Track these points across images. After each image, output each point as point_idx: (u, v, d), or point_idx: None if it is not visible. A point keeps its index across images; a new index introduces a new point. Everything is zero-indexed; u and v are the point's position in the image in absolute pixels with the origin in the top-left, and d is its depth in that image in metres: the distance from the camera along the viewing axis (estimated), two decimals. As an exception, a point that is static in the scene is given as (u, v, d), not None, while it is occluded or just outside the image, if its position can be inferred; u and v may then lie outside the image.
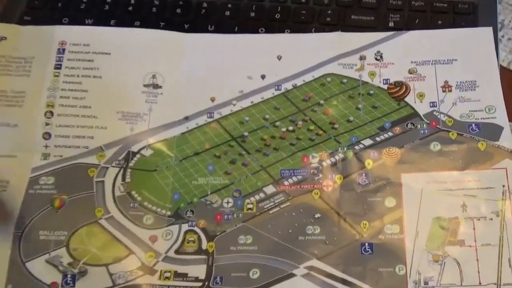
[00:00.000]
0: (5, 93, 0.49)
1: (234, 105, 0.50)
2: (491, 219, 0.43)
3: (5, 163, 0.46)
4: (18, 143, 0.47)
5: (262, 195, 0.46)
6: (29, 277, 0.42)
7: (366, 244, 0.42)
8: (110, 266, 0.42)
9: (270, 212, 0.45)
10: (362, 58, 0.52)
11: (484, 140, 0.46)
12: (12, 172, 0.46)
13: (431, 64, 0.50)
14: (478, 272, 0.41)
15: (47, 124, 0.48)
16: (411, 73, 0.50)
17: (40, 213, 0.44)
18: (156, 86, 0.51)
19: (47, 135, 0.48)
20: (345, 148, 0.47)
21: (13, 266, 0.42)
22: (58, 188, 0.46)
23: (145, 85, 0.50)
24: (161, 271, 0.42)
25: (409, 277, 0.41)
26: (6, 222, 0.43)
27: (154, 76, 0.51)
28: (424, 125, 0.48)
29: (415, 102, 0.49)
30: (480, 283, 0.41)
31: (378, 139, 0.47)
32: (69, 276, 0.42)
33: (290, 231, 0.43)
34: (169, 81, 0.51)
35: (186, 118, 0.50)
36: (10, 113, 0.48)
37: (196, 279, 0.42)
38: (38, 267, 0.42)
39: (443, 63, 0.50)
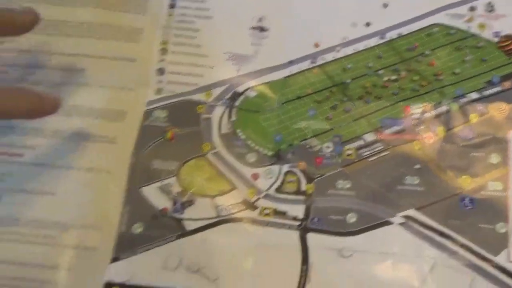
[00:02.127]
0: (125, 29, 0.49)
1: (338, 51, 0.48)
2: None
3: (124, 95, 0.46)
4: (136, 77, 0.47)
5: (361, 142, 0.44)
6: (144, 201, 0.42)
7: (467, 198, 0.40)
8: (215, 199, 0.42)
9: (369, 159, 0.43)
10: (472, 9, 0.48)
11: None
12: (129, 104, 0.46)
13: (548, 17, 0.44)
14: None
15: (161, 60, 0.48)
16: (524, 27, 0.45)
17: (154, 143, 0.45)
18: (263, 29, 0.49)
19: (160, 71, 0.48)
20: (449, 101, 0.44)
21: (129, 190, 0.43)
22: (170, 121, 0.46)
23: (253, 28, 0.49)
24: (261, 207, 0.42)
25: (511, 235, 0.38)
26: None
27: (261, 19, 0.49)
28: None
29: None
30: None
31: (485, 93, 0.44)
32: (178, 203, 0.42)
33: (388, 179, 0.42)
34: (275, 24, 0.49)
35: (290, 62, 0.48)
36: (129, 48, 0.48)
37: (295, 218, 0.41)
38: (151, 193, 0.43)
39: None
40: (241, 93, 0.47)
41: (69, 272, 0.40)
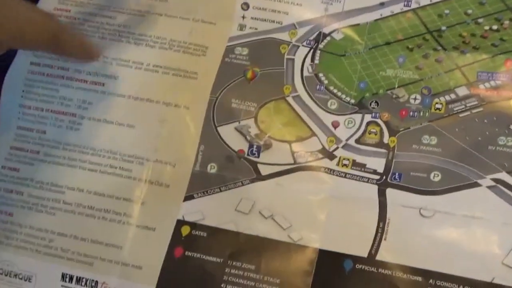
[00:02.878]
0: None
1: (436, -6, 0.43)
2: None
3: (206, 29, 0.44)
4: (218, 10, 0.45)
5: (453, 96, 0.40)
6: (220, 141, 0.41)
7: None
8: (293, 144, 0.41)
9: (460, 115, 0.40)
10: None
11: None
12: (211, 39, 0.44)
13: None
14: None
15: (246, -6, 0.46)
16: None
17: (233, 82, 0.43)
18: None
19: (245, 6, 0.45)
20: (558, 58, 0.39)
21: (206, 129, 0.41)
22: (251, 60, 0.43)
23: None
24: (340, 157, 0.40)
25: None
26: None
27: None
28: None
29: None
30: None
31: None
32: (255, 146, 0.41)
33: (479, 138, 0.38)
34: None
35: (382, 4, 0.44)
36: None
37: (375, 172, 0.39)
38: (228, 133, 0.41)
39: None
40: (327, 35, 0.44)
41: (143, 206, 0.40)
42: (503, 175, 0.37)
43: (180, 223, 0.39)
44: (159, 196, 0.40)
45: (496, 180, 0.37)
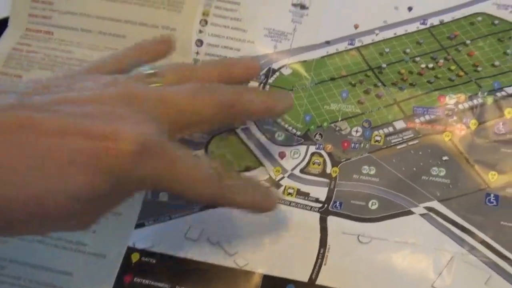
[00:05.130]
0: (167, -1, 0.49)
1: (377, 34, 0.47)
2: None
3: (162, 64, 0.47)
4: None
5: (391, 129, 0.43)
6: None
7: (492, 195, 0.39)
8: (241, 174, 0.43)
9: (397, 147, 0.42)
10: (520, -1, 0.46)
11: None
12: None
13: None
14: None
15: (200, 31, 0.48)
16: None
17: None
18: (303, 7, 0.48)
19: (199, 42, 0.48)
20: (485, 93, 0.43)
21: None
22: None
23: (293, 4, 0.48)
24: (285, 186, 0.42)
25: (532, 236, 0.38)
26: None
27: (304, -4, 0.48)
28: None
29: None
30: None
31: (523, 88, 0.42)
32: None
33: (414, 169, 0.41)
34: (315, 3, 0.48)
35: (327, 43, 0.47)
36: (170, 17, 0.48)
37: (317, 200, 0.41)
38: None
39: None
40: (276, 70, 0.47)
41: (94, 234, 0.41)
42: (434, 204, 0.40)
43: (130, 250, 0.41)
44: (110, 224, 0.42)
45: (428, 208, 0.39)
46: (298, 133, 0.44)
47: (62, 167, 0.25)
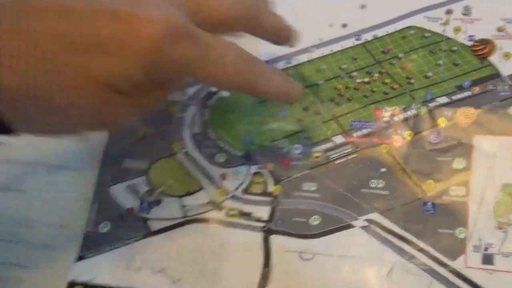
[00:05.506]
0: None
1: (312, 52, 0.48)
2: None
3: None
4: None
5: (330, 144, 0.44)
6: (111, 200, 0.43)
7: (429, 203, 0.40)
8: (182, 198, 0.43)
9: (336, 162, 0.43)
10: (448, 12, 0.47)
11: None
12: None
13: (523, 22, 0.44)
14: None
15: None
16: (499, 31, 0.45)
17: (124, 142, 0.45)
18: (239, 29, 0.49)
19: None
20: (419, 104, 0.44)
21: (98, 189, 0.43)
22: (142, 120, 0.46)
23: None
24: (228, 208, 0.42)
25: (469, 241, 0.38)
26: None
27: (238, 19, 0.49)
28: (506, 86, 0.43)
29: (499, 62, 0.44)
30: None
31: (454, 97, 0.44)
32: (146, 203, 0.43)
33: (354, 182, 0.42)
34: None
35: (266, 62, 0.48)
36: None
37: (259, 220, 0.42)
38: (120, 192, 0.43)
39: (537, 21, 0.44)
40: (215, 93, 0.47)
41: (34, 270, 0.41)
42: (374, 216, 0.40)
43: (71, 284, 0.40)
44: (50, 259, 0.41)
45: (368, 221, 0.40)
46: (239, 154, 0.45)
47: (91, 51, 0.26)
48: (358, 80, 0.46)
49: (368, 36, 0.48)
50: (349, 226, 0.40)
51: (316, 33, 0.48)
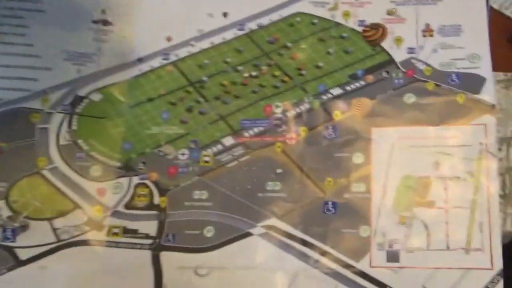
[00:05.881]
0: None
1: (193, 46, 0.51)
2: (465, 179, 0.45)
3: None
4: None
5: (220, 147, 0.48)
6: (-34, 232, 0.43)
7: (330, 203, 0.45)
8: (54, 221, 0.44)
9: (228, 165, 0.47)
10: (334, -5, 0.51)
11: (463, 93, 0.47)
12: None
13: (412, 4, 0.51)
14: (447, 236, 0.44)
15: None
16: (389, 14, 0.51)
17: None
18: (106, 23, 0.51)
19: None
20: (311, 98, 0.48)
21: None
22: (-6, 134, 0.46)
23: (94, 21, 0.51)
24: (109, 226, 0.45)
25: (373, 239, 0.43)
26: None
27: (104, 11, 0.51)
28: (400, 74, 0.49)
29: (391, 47, 0.50)
30: (448, 247, 0.43)
31: (348, 88, 0.49)
32: (9, 230, 0.44)
33: (248, 186, 0.46)
34: (120, 17, 0.51)
35: (140, 60, 0.51)
36: None
37: (147, 236, 0.44)
38: (-24, 220, 0.43)
39: (426, 3, 0.51)
40: (84, 97, 0.49)
41: None
42: (273, 221, 0.44)
43: None
44: None
45: (267, 227, 0.44)
46: (118, 164, 0.47)
47: None
48: (245, 74, 0.50)
49: (252, 25, 0.52)
50: (246, 235, 0.44)
51: (195, 24, 0.52)
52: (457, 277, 0.42)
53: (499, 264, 0.42)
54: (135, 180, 0.46)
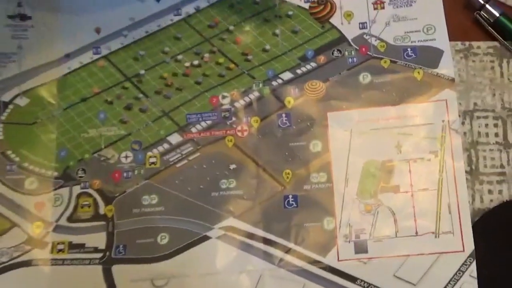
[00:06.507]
0: None
1: (125, 36, 0.54)
2: (429, 160, 0.49)
3: None
4: None
5: (166, 146, 0.50)
6: None
7: (290, 196, 0.48)
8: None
9: (177, 165, 0.50)
10: (277, -30, 0.54)
11: (421, 68, 0.51)
12: None
13: (354, -26, 0.52)
14: (415, 221, 0.48)
15: None
16: (337, -13, 0.53)
17: None
18: (24, 17, 0.53)
19: None
20: (260, 85, 0.52)
21: None
22: None
23: (10, 16, 0.53)
24: (53, 243, 0.47)
25: (339, 231, 0.47)
26: None
27: (20, 4, 0.53)
28: (353, 52, 0.52)
29: (342, 23, 0.53)
30: (416, 233, 0.47)
31: (299, 71, 0.52)
32: None
33: (201, 186, 0.49)
34: (40, 9, 0.53)
35: (67, 56, 0.53)
36: None
37: (96, 250, 0.47)
38: None
39: (375, -28, 0.53)
40: (9, 103, 0.51)
41: None
42: (231, 221, 0.48)
43: None
44: None
45: (225, 228, 0.47)
46: (55, 174, 0.49)
47: None
48: (187, 64, 0.53)
49: (188, 9, 0.55)
50: (204, 239, 0.47)
51: (126, 12, 0.54)
52: (428, 263, 0.46)
53: (470, 246, 0.46)
54: (77, 189, 0.49)
